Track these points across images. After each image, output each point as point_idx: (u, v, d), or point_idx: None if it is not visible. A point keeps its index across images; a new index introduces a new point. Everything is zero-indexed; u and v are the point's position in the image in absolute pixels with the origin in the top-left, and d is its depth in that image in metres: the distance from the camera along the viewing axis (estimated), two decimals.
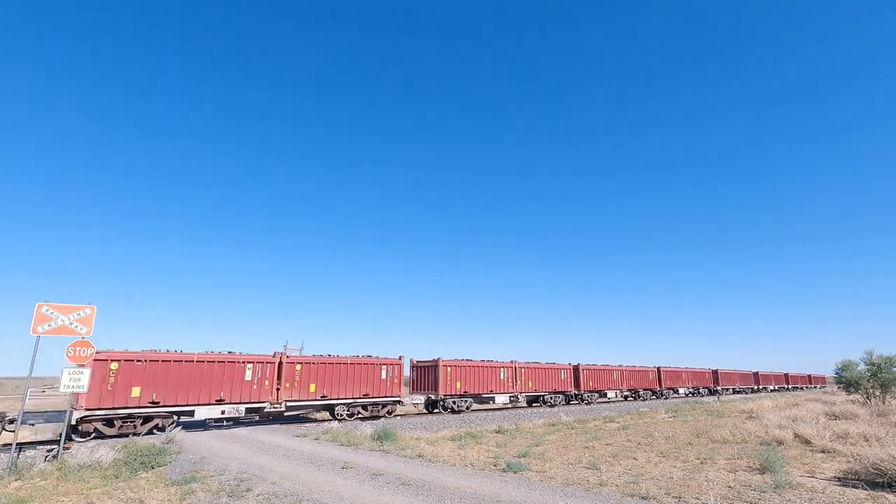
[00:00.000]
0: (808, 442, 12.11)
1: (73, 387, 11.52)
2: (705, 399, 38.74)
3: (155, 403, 16.17)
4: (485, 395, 26.92)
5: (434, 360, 25.18)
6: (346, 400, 21.19)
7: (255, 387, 18.45)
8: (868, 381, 23.22)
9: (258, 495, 7.57)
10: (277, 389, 19.14)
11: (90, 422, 15.14)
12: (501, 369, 28.15)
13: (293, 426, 18.91)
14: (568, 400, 32.60)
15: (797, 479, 8.29)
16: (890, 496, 7.10)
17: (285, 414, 20.14)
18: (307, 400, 19.96)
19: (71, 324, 11.54)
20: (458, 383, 25.49)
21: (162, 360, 16.59)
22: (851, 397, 24.90)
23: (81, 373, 11.70)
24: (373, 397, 22.06)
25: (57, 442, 12.66)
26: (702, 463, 10.32)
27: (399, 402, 23.43)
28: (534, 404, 30.83)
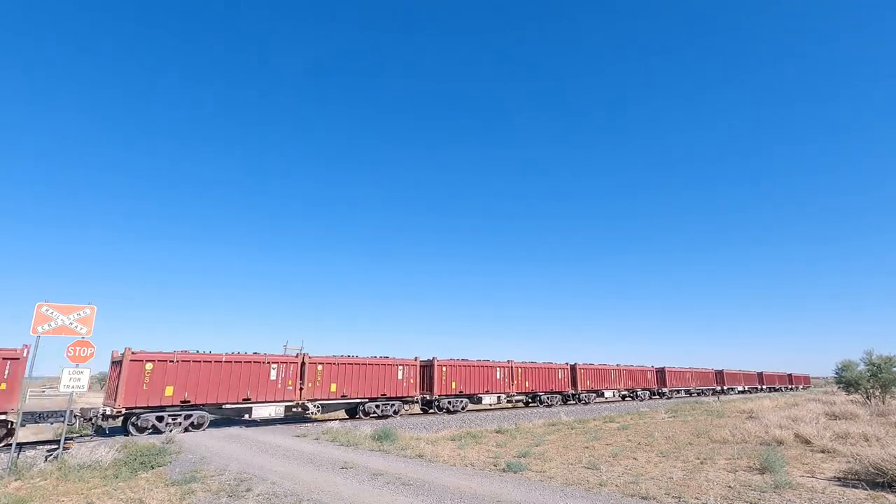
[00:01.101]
0: (808, 442, 12.11)
1: (73, 387, 11.52)
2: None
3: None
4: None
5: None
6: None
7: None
8: (868, 381, 23.23)
9: (258, 495, 7.57)
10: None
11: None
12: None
13: (293, 426, 18.92)
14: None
15: (797, 479, 8.29)
16: (890, 496, 7.10)
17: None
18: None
19: (71, 324, 11.54)
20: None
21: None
22: (851, 397, 24.91)
23: (81, 373, 11.70)
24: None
25: (57, 442, 12.66)
26: (702, 463, 10.31)
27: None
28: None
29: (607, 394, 35.66)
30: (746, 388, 58.26)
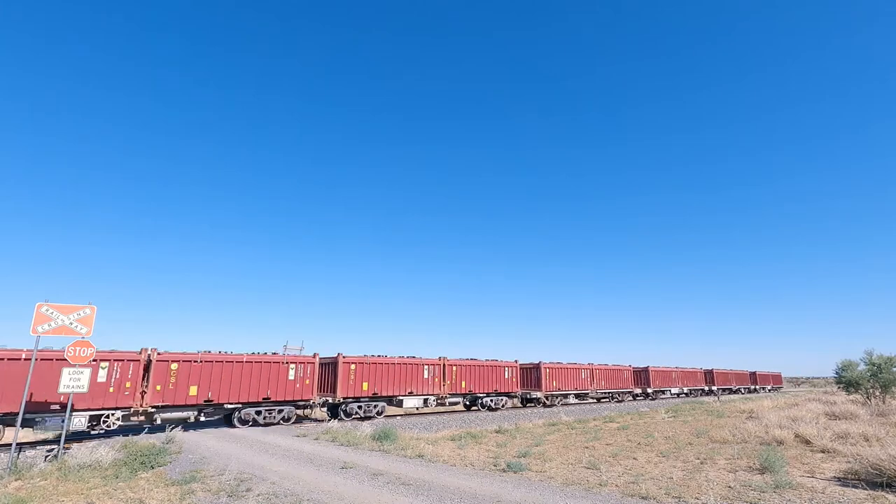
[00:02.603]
0: (808, 442, 12.10)
1: (72, 387, 11.53)
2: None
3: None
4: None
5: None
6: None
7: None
8: (868, 381, 23.23)
9: (258, 495, 7.57)
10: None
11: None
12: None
13: (293, 426, 18.93)
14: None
15: (797, 479, 8.29)
16: (890, 496, 7.10)
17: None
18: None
19: (71, 324, 11.54)
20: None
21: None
22: (851, 397, 24.91)
23: (81, 373, 11.71)
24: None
25: (57, 442, 12.66)
26: (702, 463, 10.31)
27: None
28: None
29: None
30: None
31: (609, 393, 36.26)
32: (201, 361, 17.53)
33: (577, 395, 33.24)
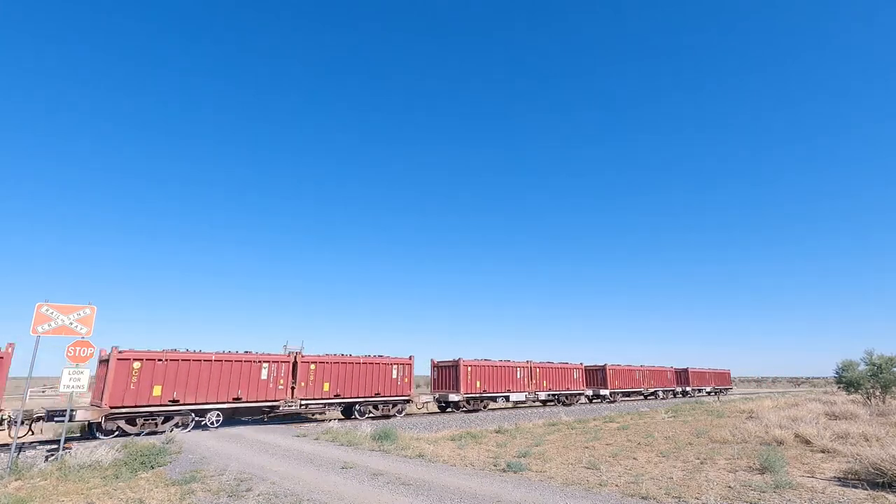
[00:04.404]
0: (808, 442, 12.10)
1: (72, 387, 11.53)
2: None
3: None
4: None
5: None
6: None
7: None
8: (868, 381, 23.21)
9: (258, 495, 7.57)
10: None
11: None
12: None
13: (293, 426, 18.93)
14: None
15: (797, 479, 8.29)
16: (890, 496, 7.10)
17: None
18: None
19: (71, 324, 11.54)
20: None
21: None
22: (851, 397, 24.89)
23: (81, 373, 11.71)
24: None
25: (57, 442, 12.67)
26: (702, 463, 10.31)
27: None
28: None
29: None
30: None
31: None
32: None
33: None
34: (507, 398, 28.66)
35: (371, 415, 22.29)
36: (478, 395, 26.81)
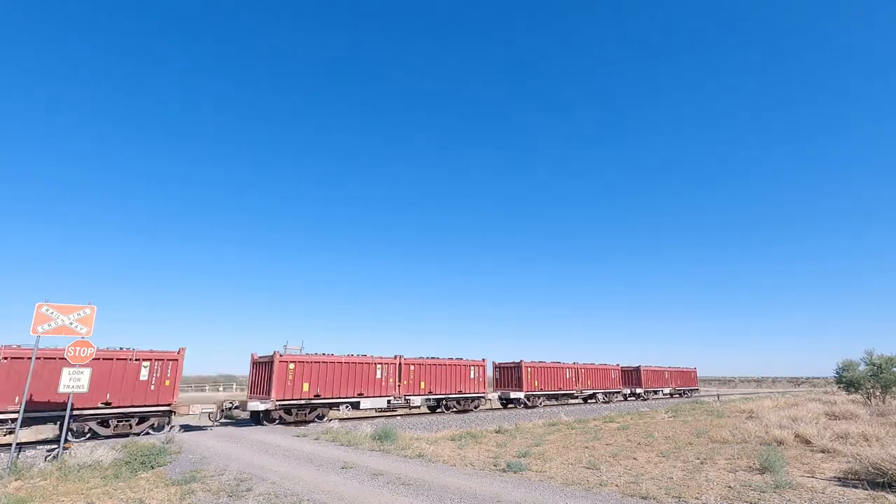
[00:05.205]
0: (808, 442, 12.10)
1: (72, 387, 11.53)
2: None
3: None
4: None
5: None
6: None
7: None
8: (869, 381, 23.20)
9: (258, 495, 7.57)
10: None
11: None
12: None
13: (293, 426, 18.94)
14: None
15: (797, 479, 8.29)
16: (890, 496, 7.09)
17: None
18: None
19: (71, 324, 11.55)
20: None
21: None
22: (851, 397, 24.89)
23: (81, 373, 11.71)
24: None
25: (57, 441, 12.66)
26: (702, 463, 10.31)
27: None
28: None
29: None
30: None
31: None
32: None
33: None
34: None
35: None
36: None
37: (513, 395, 29.83)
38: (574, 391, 33.65)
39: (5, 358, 14.12)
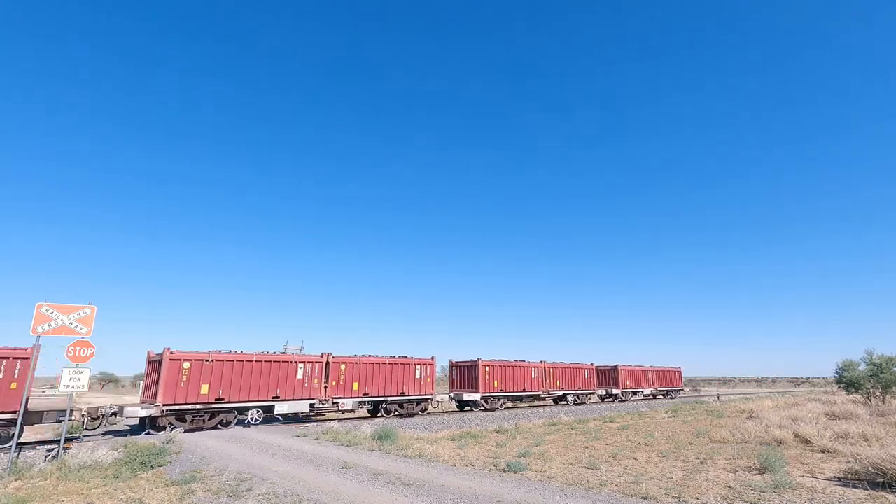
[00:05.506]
0: (808, 442, 12.10)
1: (72, 387, 11.53)
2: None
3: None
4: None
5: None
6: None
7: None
8: (869, 381, 23.20)
9: (258, 495, 7.57)
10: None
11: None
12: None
13: (293, 426, 18.93)
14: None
15: (797, 479, 8.29)
16: (890, 496, 7.09)
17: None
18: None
19: (71, 324, 11.55)
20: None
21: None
22: (851, 397, 24.88)
23: (81, 373, 11.71)
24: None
25: (57, 441, 12.66)
26: (702, 463, 10.31)
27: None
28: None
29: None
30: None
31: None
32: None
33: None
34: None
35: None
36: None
37: (466, 396, 26.69)
38: (540, 392, 31.08)
39: None
